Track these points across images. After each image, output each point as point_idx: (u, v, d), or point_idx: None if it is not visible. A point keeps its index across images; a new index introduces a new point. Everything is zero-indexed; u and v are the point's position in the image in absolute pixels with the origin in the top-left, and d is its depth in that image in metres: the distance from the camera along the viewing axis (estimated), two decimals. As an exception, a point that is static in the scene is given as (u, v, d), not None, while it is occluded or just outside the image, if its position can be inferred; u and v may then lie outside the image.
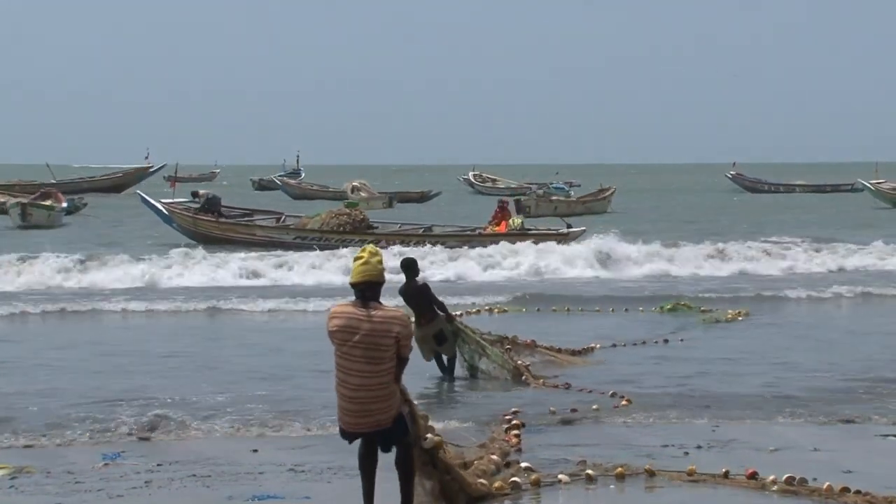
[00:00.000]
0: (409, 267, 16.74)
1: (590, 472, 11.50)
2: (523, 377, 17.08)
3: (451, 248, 38.19)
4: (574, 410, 14.75)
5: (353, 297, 9.70)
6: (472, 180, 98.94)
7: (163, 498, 11.11)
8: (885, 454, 12.82)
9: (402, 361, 9.70)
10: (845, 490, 10.78)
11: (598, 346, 19.84)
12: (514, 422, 13.61)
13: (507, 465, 11.69)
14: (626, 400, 15.37)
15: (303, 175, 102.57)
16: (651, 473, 11.44)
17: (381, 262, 9.76)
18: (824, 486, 10.87)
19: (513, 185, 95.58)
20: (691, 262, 35.14)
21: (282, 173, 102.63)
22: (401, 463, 9.84)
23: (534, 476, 11.24)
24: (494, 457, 11.57)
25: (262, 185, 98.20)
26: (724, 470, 11.35)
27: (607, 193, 68.70)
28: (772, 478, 11.10)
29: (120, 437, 13.54)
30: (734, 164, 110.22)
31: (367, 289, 9.65)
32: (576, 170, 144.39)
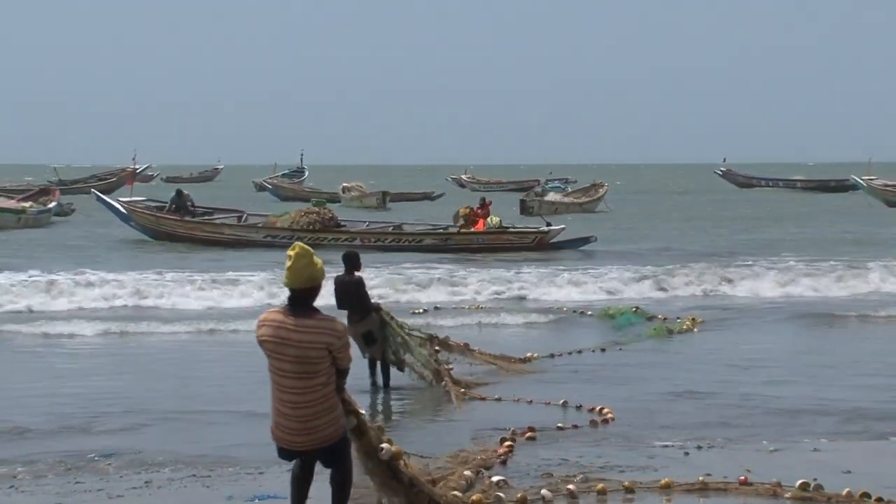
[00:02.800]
0: (351, 259, 15.97)
1: (571, 487, 10.73)
2: (443, 383, 15.96)
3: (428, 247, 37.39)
4: (560, 428, 13.68)
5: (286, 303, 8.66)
6: (465, 181, 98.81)
7: (163, 498, 10.97)
8: (885, 454, 12.66)
9: (341, 372, 8.67)
10: (865, 496, 10.47)
11: (535, 355, 18.74)
12: (530, 434, 13.11)
13: (486, 475, 11.00)
14: (611, 414, 14.27)
15: (306, 174, 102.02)
16: (630, 490, 10.75)
17: (308, 264, 8.57)
18: (844, 493, 10.56)
19: (506, 184, 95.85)
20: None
21: (285, 172, 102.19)
22: (338, 484, 8.80)
23: (519, 495, 10.43)
24: (467, 472, 10.75)
25: (263, 187, 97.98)
26: (700, 478, 10.92)
27: (601, 191, 68.29)
28: (774, 482, 10.77)
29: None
30: (724, 160, 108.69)
31: (298, 294, 8.59)
32: (567, 170, 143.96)
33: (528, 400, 15.41)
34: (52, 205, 54.09)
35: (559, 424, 13.88)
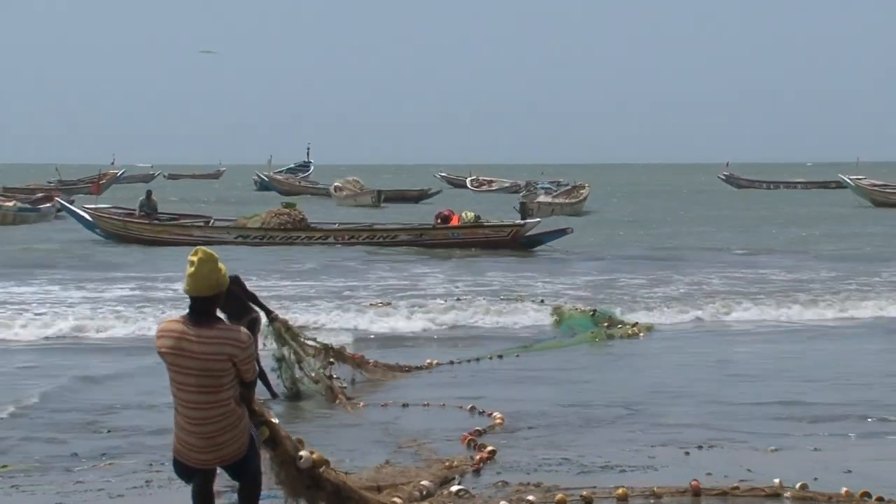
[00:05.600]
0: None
1: (531, 498, 10.04)
2: (337, 400, 14.93)
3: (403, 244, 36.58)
4: (480, 432, 12.88)
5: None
6: (469, 185, 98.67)
7: (163, 497, 10.74)
8: (886, 454, 12.39)
9: (247, 385, 8.07)
10: (866, 495, 10.19)
11: (434, 362, 17.88)
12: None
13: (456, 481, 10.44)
14: (500, 418, 13.52)
15: (312, 169, 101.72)
16: (588, 500, 10.15)
17: (214, 269, 7.93)
18: (843, 492, 10.29)
19: (506, 184, 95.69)
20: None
21: (291, 166, 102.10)
22: (244, 494, 8.29)
23: None
24: (425, 482, 10.07)
25: (264, 186, 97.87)
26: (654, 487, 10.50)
27: (583, 193, 67.86)
28: (731, 486, 10.41)
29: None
30: (727, 163, 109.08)
31: (199, 302, 7.97)
32: (566, 169, 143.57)
33: (435, 405, 14.74)
34: (47, 204, 52.03)
35: (477, 428, 13.10)
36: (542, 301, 24.43)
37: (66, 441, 13.05)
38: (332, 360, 15.71)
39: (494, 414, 13.88)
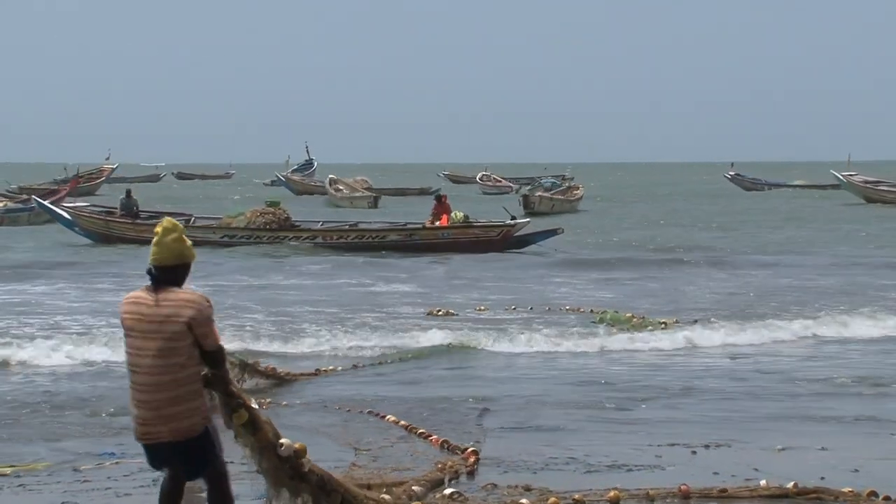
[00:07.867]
0: None
1: (524, 501, 9.72)
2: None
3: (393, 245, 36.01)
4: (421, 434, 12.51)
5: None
6: (479, 180, 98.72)
7: (170, 496, 10.57)
8: (893, 453, 12.21)
9: (210, 356, 7.81)
10: (873, 494, 10.00)
11: (339, 368, 17.42)
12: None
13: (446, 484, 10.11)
14: (392, 418, 13.17)
15: (315, 166, 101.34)
16: (579, 502, 9.87)
17: (177, 239, 7.87)
18: (846, 491, 10.10)
19: (500, 183, 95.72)
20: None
21: (294, 167, 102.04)
22: (212, 494, 8.03)
23: None
24: (416, 487, 9.73)
25: (277, 180, 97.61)
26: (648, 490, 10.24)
27: (577, 193, 67.65)
28: (720, 488, 10.22)
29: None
30: (732, 165, 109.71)
31: (162, 272, 7.86)
32: (562, 168, 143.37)
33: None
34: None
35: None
36: (592, 311, 22.90)
37: (72, 440, 12.92)
38: (246, 375, 15.29)
39: (388, 417, 13.46)
